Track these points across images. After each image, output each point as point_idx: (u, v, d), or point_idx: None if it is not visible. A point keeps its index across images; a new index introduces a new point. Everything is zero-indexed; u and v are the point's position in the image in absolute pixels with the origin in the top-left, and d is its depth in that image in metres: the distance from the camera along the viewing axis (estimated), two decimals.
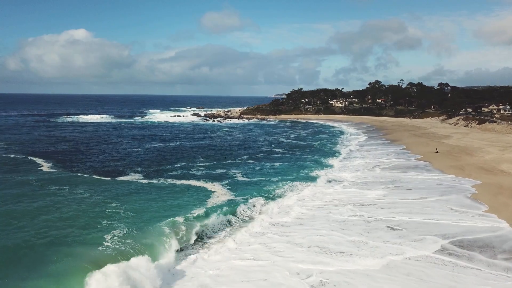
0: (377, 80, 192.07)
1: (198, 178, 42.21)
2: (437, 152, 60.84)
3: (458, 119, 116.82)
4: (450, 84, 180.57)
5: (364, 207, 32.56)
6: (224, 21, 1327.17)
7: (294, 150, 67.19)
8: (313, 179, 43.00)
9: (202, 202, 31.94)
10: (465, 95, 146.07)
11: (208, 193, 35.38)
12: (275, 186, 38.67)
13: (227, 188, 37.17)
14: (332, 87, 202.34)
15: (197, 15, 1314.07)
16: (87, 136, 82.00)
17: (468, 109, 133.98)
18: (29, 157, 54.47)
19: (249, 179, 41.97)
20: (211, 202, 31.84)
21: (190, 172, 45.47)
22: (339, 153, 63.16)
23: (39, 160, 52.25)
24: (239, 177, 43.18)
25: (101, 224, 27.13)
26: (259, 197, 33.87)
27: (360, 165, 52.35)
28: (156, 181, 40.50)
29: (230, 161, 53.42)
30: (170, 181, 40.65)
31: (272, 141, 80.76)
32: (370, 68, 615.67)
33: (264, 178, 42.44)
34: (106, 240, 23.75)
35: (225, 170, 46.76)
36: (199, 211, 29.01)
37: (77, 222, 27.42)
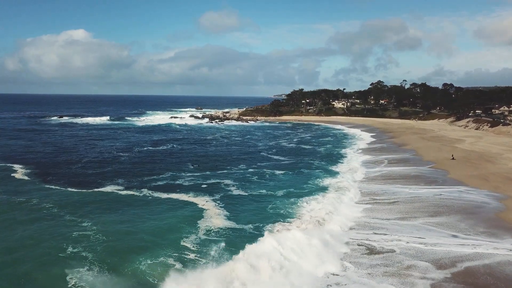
0: (379, 80, 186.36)
1: (187, 191, 36.68)
2: (453, 158, 55.65)
3: (468, 121, 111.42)
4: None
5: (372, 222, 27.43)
6: (223, 21, 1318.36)
7: (297, 156, 61.81)
8: (323, 189, 37.86)
9: (192, 227, 26.32)
10: (473, 96, 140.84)
11: (198, 212, 29.86)
12: (278, 202, 32.96)
13: (221, 206, 31.51)
14: (332, 88, 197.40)
15: (196, 15, 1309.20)
16: (75, 140, 77.02)
17: (477, 111, 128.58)
18: (7, 164, 50.37)
19: (246, 194, 36.37)
20: (202, 226, 26.26)
21: (179, 183, 40.18)
22: (347, 160, 58.03)
23: (16, 167, 48.35)
24: (235, 190, 37.66)
25: (65, 253, 22.45)
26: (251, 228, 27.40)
27: (369, 173, 47.22)
28: (138, 193, 35.50)
29: (226, 170, 47.68)
30: (155, 194, 35.42)
31: (273, 145, 75.13)
32: (370, 68, 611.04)
33: (265, 192, 37.00)
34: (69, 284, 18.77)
35: (219, 181, 41.45)
36: (187, 243, 23.77)
37: (36, 250, 22.73)
